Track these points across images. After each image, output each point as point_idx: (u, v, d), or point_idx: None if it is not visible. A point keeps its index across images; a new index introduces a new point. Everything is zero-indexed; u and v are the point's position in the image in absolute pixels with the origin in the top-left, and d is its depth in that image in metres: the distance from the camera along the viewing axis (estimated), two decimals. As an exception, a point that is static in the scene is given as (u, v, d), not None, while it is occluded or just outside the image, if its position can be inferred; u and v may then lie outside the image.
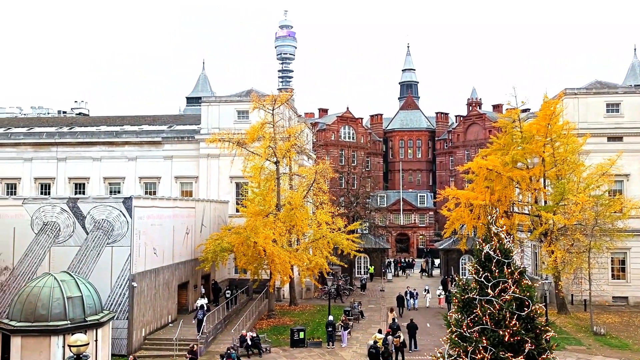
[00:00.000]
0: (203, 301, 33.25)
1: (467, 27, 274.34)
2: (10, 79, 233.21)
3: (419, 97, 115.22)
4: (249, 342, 28.89)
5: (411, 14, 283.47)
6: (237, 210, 42.61)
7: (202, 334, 29.51)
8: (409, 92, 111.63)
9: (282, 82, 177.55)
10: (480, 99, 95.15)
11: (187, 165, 48.25)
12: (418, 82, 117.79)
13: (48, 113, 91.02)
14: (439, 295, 44.12)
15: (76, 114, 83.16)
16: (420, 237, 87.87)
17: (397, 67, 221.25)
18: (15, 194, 47.91)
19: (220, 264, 38.15)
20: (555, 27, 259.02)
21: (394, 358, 27.92)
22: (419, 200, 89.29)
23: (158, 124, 53.32)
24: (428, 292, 44.57)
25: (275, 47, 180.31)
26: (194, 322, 31.26)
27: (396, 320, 32.27)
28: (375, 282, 55.61)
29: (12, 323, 23.44)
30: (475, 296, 14.86)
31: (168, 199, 36.77)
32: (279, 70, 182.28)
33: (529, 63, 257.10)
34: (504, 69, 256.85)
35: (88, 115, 79.64)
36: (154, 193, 47.63)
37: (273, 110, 39.27)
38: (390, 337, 28.40)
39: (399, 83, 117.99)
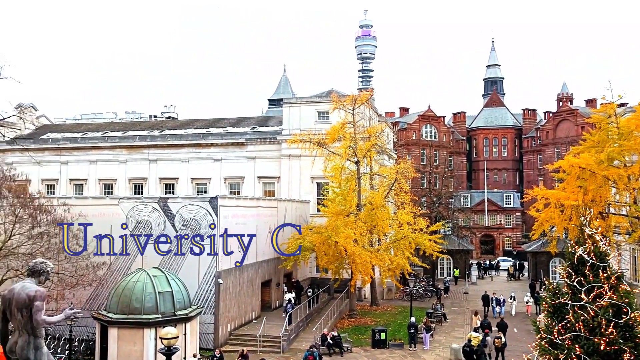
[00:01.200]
0: (291, 295, 34.44)
1: (555, 20, 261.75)
2: (107, 85, 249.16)
3: (504, 94, 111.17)
4: (331, 341, 29.06)
5: (495, 9, 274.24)
6: (318, 210, 43.00)
7: (284, 331, 30.04)
8: (493, 89, 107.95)
9: (362, 81, 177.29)
10: (572, 94, 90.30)
11: (269, 166, 49.30)
12: (503, 78, 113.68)
13: (140, 117, 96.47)
14: (526, 302, 41.39)
15: (166, 117, 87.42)
16: (506, 238, 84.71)
17: (480, 63, 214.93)
18: (111, 194, 51.07)
19: (302, 262, 38.65)
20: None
21: (494, 358, 27.43)
22: (504, 200, 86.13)
23: (242, 125, 54.87)
24: (514, 299, 41.83)
25: (355, 47, 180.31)
26: (283, 315, 32.40)
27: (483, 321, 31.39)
28: (459, 284, 54.21)
29: (110, 315, 24.98)
30: (567, 301, 14.10)
31: (251, 198, 37.76)
32: (359, 70, 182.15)
33: (625, 56, 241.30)
34: (597, 62, 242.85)
35: (177, 118, 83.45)
36: (238, 193, 49.05)
37: (353, 110, 39.26)
38: (489, 338, 27.93)
39: (483, 79, 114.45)
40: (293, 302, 33.62)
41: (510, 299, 41.85)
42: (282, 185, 48.06)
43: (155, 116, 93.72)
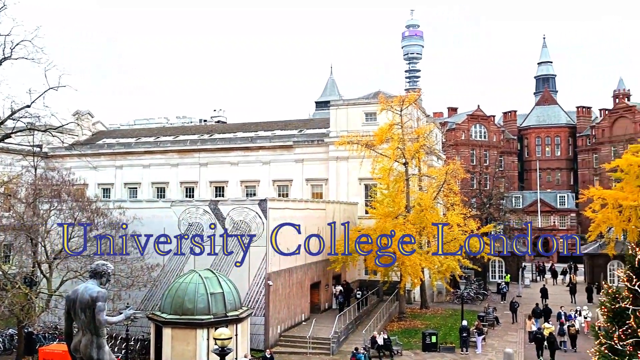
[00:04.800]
0: (339, 287, 37.51)
1: (607, 11, 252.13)
2: (159, 91, 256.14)
3: (556, 91, 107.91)
4: (380, 344, 28.91)
5: (545, 4, 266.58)
6: (366, 212, 42.87)
7: (334, 333, 30.10)
8: (545, 86, 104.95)
9: (409, 82, 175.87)
10: (629, 90, 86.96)
11: (317, 168, 49.50)
12: (555, 75, 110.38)
13: (191, 122, 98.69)
14: (585, 317, 35.20)
15: (215, 122, 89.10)
16: (561, 240, 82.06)
17: (532, 60, 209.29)
18: (164, 197, 52.45)
19: (350, 265, 38.63)
20: None
21: (568, 345, 30.34)
22: (558, 201, 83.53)
23: (289, 128, 55.36)
24: (580, 314, 35.58)
25: (402, 47, 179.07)
26: (335, 307, 35.43)
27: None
28: (512, 287, 52.84)
29: (164, 315, 25.68)
30: (628, 306, 13.58)
31: (300, 200, 38.03)
32: (405, 71, 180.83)
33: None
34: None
35: (226, 122, 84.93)
36: (287, 195, 49.47)
37: (401, 111, 38.98)
38: (565, 327, 30.96)
39: (534, 77, 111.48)
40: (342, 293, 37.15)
41: (576, 313, 35.82)
42: (330, 187, 48.17)
43: (205, 120, 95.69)
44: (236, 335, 25.17)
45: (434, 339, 30.13)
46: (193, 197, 51.65)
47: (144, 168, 55.86)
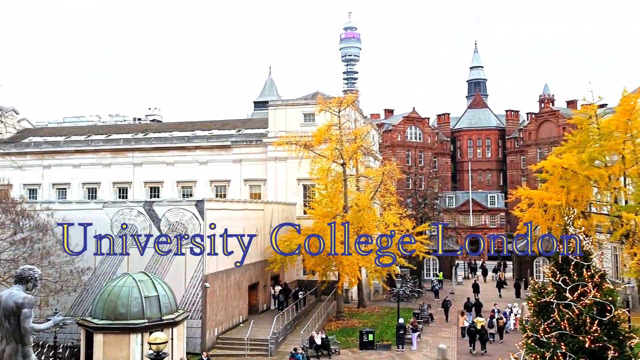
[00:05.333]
0: (278, 288, 37.96)
1: (535, 20, 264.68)
2: (89, 88, 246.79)
3: (487, 95, 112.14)
4: (318, 343, 29.09)
5: (478, 11, 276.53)
6: (305, 212, 43.04)
7: (272, 334, 30.00)
8: (477, 90, 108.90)
9: (347, 84, 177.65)
10: (553, 96, 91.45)
11: (255, 168, 49.24)
12: (486, 80, 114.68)
13: (124, 120, 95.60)
14: (515, 315, 35.96)
15: (150, 120, 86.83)
16: (488, 240, 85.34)
17: (464, 65, 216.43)
18: (95, 198, 50.58)
19: (289, 265, 38.65)
20: (631, 20, 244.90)
21: (497, 337, 32.50)
22: (489, 200, 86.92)
23: (227, 128, 54.76)
24: (511, 311, 36.49)
25: (340, 49, 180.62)
26: (273, 308, 36.26)
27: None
28: (446, 284, 54.45)
29: (95, 321, 24.75)
30: (552, 300, 14.27)
31: (238, 201, 37.69)
32: (343, 72, 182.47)
33: (605, 57, 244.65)
34: (578, 64, 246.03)
35: (161, 121, 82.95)
36: (224, 196, 48.90)
37: (339, 112, 39.39)
38: (495, 320, 33.43)
39: (467, 81, 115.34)
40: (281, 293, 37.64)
41: (509, 310, 36.60)
42: (269, 188, 48.03)
43: (139, 119, 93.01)
44: (172, 339, 24.60)
45: (370, 337, 30.60)
46: (127, 198, 50.13)
47: (74, 168, 53.66)
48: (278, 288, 38.63)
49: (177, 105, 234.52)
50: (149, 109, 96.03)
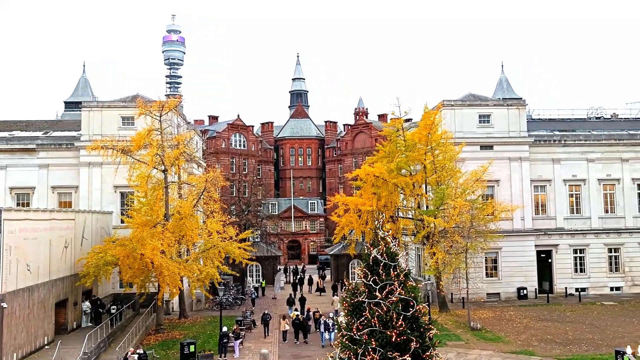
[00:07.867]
0: (87, 303, 37.02)
1: (353, 38, 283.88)
2: None
3: (308, 106, 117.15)
4: (136, 360, 27.56)
5: (301, 23, 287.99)
6: (122, 221, 40.59)
7: (83, 354, 27.70)
8: (299, 101, 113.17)
9: (170, 88, 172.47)
10: (367, 109, 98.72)
11: (65, 174, 45.25)
12: (307, 91, 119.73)
13: None
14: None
15: None
16: (312, 243, 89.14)
17: (287, 75, 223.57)
18: None
19: (103, 278, 36.03)
20: (436, 39, 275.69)
21: (313, 328, 35.45)
22: (309, 207, 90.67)
23: (32, 129, 49.56)
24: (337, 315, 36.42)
25: (163, 52, 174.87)
26: (84, 325, 34.10)
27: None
28: (268, 289, 55.42)
29: None
30: (364, 299, 15.29)
31: (44, 210, 34.18)
32: (166, 76, 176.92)
33: (412, 74, 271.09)
34: (389, 79, 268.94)
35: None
36: (28, 204, 44.12)
37: (160, 116, 37.99)
38: (311, 313, 36.57)
39: (290, 92, 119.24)
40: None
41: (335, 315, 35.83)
42: (82, 196, 44.44)
43: None
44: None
45: (192, 348, 29.80)
46: None
47: None
48: (86, 304, 36.40)
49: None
50: None
